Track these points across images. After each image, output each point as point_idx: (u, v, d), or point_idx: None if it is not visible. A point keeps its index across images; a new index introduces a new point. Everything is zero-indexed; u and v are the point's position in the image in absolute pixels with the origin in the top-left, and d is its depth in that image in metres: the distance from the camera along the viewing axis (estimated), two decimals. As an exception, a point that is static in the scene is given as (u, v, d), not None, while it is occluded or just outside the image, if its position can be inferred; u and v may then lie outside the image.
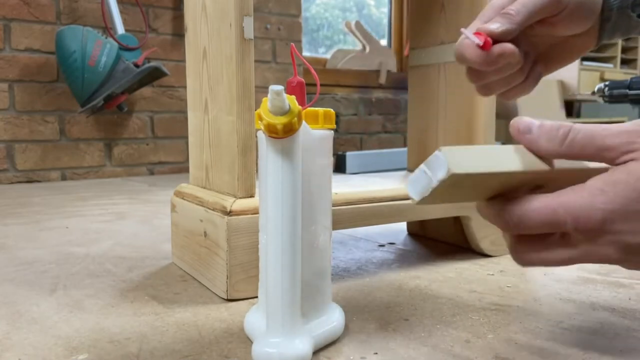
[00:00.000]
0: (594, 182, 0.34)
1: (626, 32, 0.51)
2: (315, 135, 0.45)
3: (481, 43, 0.44)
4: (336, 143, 2.43)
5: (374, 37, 2.55)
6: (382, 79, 2.54)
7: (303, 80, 0.44)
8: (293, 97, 0.41)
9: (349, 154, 2.29)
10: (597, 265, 0.70)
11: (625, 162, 0.34)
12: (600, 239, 0.34)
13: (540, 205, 0.35)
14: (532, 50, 0.51)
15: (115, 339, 0.47)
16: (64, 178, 1.79)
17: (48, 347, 0.46)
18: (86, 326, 0.50)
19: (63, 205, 1.25)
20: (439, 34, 0.82)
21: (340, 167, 2.30)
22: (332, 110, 0.46)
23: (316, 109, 0.45)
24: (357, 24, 2.51)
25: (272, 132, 0.40)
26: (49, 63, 1.73)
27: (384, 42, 2.73)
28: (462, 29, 0.46)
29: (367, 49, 2.52)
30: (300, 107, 0.40)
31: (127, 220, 1.06)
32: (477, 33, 0.45)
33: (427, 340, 0.47)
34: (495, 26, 0.45)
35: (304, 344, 0.40)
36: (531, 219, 0.35)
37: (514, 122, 0.37)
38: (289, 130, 0.40)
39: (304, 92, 0.44)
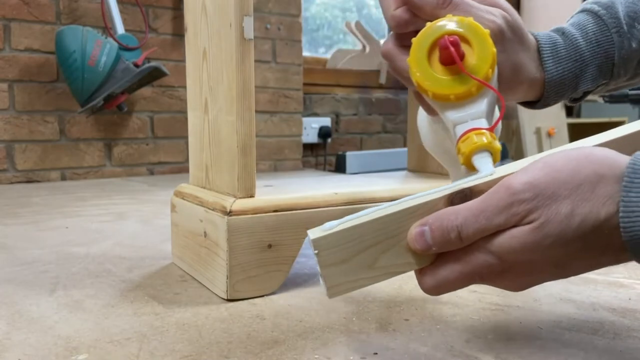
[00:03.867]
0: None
1: (555, 102, 0.51)
2: None
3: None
4: (336, 143, 2.43)
5: (374, 37, 2.55)
6: (382, 79, 2.54)
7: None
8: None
9: (349, 154, 2.29)
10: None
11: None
12: (476, 246, 0.35)
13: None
14: None
15: (115, 339, 0.47)
16: (63, 178, 1.79)
17: (48, 347, 0.46)
18: (86, 326, 0.50)
19: (63, 205, 1.25)
20: (439, 34, 0.82)
21: (340, 167, 2.30)
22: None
23: None
24: (357, 24, 2.51)
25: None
26: (49, 63, 1.73)
27: (384, 42, 2.73)
28: None
29: (367, 49, 2.52)
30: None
31: (127, 220, 1.06)
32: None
33: (427, 340, 0.47)
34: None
35: None
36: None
37: None
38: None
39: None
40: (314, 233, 0.35)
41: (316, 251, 0.35)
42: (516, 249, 0.33)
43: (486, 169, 0.37)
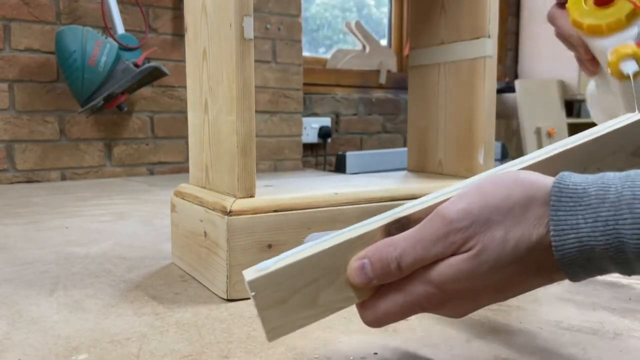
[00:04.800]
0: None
1: None
2: None
3: None
4: (336, 143, 2.43)
5: (374, 37, 2.55)
6: (382, 79, 2.54)
7: None
8: None
9: (349, 153, 2.29)
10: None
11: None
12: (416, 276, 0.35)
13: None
14: None
15: (115, 339, 0.47)
16: (64, 178, 1.79)
17: (48, 347, 0.46)
18: (86, 326, 0.50)
19: (63, 205, 1.25)
20: (439, 34, 0.82)
21: (340, 167, 2.30)
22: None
23: None
24: (357, 24, 2.51)
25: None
26: (49, 63, 1.73)
27: (384, 42, 2.73)
28: None
29: (367, 49, 2.52)
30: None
31: (127, 220, 1.06)
32: None
33: (427, 340, 0.47)
34: None
35: None
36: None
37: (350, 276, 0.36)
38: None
39: None
40: (248, 274, 0.34)
41: (253, 293, 0.33)
42: (454, 277, 0.34)
43: (631, 68, 0.42)
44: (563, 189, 0.33)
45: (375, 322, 0.37)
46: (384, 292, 0.36)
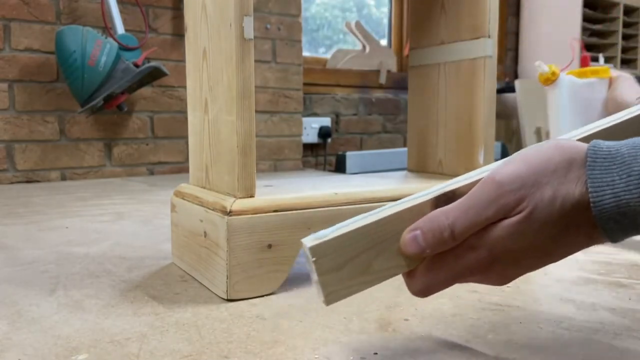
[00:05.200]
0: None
1: None
2: None
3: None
4: (336, 143, 2.43)
5: (374, 37, 2.55)
6: (382, 79, 2.54)
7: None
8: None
9: (349, 153, 2.29)
10: (597, 265, 0.70)
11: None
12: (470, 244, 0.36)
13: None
14: None
15: (115, 339, 0.47)
16: (63, 178, 1.79)
17: (48, 347, 0.46)
18: (86, 326, 0.50)
19: (63, 205, 1.25)
20: (439, 34, 0.82)
21: (340, 167, 2.30)
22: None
23: None
24: (357, 24, 2.50)
25: None
26: (49, 63, 1.73)
27: (384, 42, 2.73)
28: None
29: (367, 49, 2.52)
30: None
31: (127, 220, 1.06)
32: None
33: (427, 340, 0.47)
34: None
35: None
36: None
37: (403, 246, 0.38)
38: None
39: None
40: (309, 241, 0.36)
41: (314, 259, 0.35)
42: (507, 240, 0.35)
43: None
44: (597, 151, 0.35)
45: (423, 290, 0.38)
46: (433, 260, 0.37)
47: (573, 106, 0.90)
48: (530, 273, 0.66)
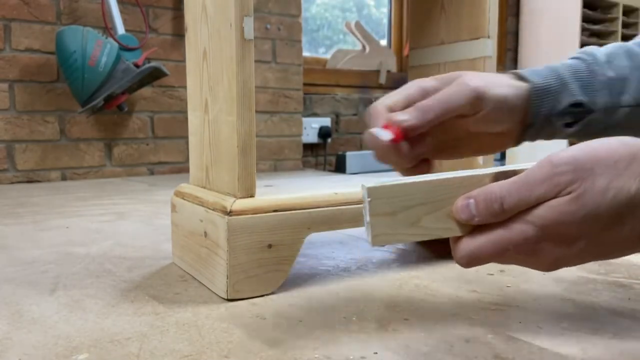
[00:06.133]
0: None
1: (550, 136, 0.52)
2: None
3: (391, 137, 0.46)
4: (336, 143, 2.43)
5: (374, 37, 2.55)
6: (382, 79, 2.54)
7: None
8: None
9: (349, 154, 2.29)
10: (597, 265, 0.70)
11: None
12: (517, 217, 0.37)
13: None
14: (438, 137, 0.50)
15: (116, 339, 0.47)
16: (64, 178, 1.79)
17: (48, 347, 0.46)
18: (86, 326, 0.50)
19: (63, 205, 1.25)
20: (439, 34, 0.82)
21: (340, 167, 2.30)
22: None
23: None
24: (357, 24, 2.51)
25: None
26: (49, 63, 1.73)
27: (384, 42, 2.73)
28: (373, 130, 0.47)
29: (367, 49, 2.52)
30: None
31: (127, 220, 1.06)
32: (386, 125, 0.46)
33: (427, 340, 0.47)
34: (405, 118, 0.46)
35: None
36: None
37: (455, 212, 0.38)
38: None
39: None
40: (369, 183, 0.38)
41: (369, 199, 0.37)
42: (554, 218, 0.35)
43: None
44: None
45: (467, 258, 0.38)
46: (482, 230, 0.38)
47: None
48: (531, 273, 0.66)
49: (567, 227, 0.35)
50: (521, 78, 0.50)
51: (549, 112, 0.50)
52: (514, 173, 0.38)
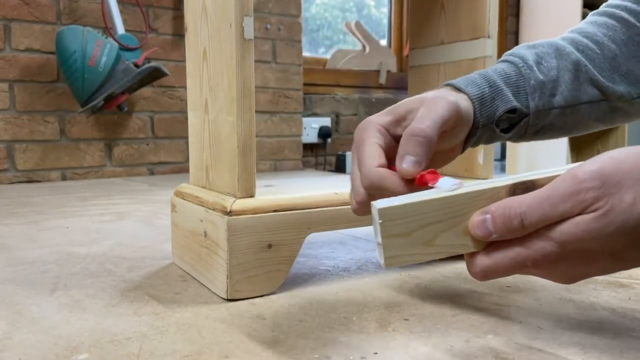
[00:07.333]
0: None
1: (488, 141, 0.52)
2: None
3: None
4: (336, 143, 2.43)
5: (374, 37, 2.55)
6: (382, 79, 2.54)
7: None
8: None
9: (349, 154, 2.29)
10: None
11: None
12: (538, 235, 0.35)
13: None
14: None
15: (116, 339, 0.47)
16: (64, 178, 1.79)
17: (48, 347, 0.46)
18: (86, 326, 0.50)
19: (63, 205, 1.25)
20: (439, 34, 0.82)
21: (340, 167, 2.30)
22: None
23: None
24: (357, 24, 2.51)
25: None
26: (49, 63, 1.73)
27: (384, 42, 2.73)
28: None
29: (367, 49, 2.52)
30: None
31: (127, 220, 1.06)
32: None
33: (427, 340, 0.47)
34: (410, 164, 0.41)
35: None
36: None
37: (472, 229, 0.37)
38: None
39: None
40: (380, 204, 0.36)
41: (380, 220, 0.36)
42: (578, 236, 0.34)
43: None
44: None
45: (483, 272, 0.37)
46: (498, 246, 0.36)
47: None
48: (530, 273, 0.65)
49: (591, 244, 0.34)
50: (457, 89, 0.49)
51: (487, 120, 0.49)
52: (532, 184, 0.36)
